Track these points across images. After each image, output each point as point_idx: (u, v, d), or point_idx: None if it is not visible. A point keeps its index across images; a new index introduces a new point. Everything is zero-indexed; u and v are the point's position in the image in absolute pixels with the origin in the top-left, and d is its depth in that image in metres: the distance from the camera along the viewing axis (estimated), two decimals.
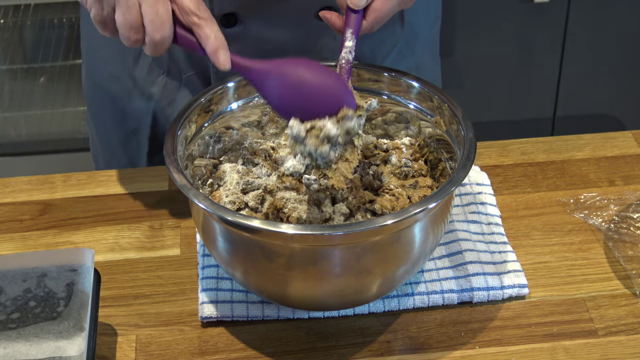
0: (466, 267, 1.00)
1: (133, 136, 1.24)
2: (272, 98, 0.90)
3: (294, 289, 0.92)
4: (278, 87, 0.89)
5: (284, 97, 0.89)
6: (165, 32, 0.87)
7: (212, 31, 0.87)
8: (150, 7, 0.86)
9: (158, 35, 0.88)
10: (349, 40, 0.93)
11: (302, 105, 0.89)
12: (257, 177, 1.00)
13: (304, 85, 0.89)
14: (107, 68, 1.22)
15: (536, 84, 2.16)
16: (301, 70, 0.90)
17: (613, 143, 1.20)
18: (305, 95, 0.89)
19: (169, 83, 1.18)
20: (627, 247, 1.04)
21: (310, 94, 0.89)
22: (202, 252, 1.03)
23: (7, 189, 1.15)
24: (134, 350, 0.95)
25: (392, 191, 0.96)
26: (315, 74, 0.90)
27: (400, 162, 1.00)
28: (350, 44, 0.94)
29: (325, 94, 0.89)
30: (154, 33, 0.87)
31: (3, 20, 2.33)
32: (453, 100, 0.98)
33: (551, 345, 0.94)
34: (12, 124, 2.28)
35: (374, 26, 0.94)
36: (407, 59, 1.21)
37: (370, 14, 0.94)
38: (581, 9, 2.05)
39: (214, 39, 0.87)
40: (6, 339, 0.87)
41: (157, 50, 0.89)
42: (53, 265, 0.92)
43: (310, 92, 0.89)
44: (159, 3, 0.87)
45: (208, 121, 1.00)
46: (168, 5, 0.87)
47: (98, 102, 1.27)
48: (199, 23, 0.87)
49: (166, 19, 0.87)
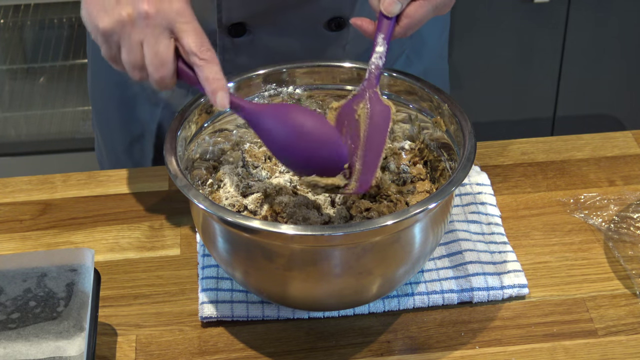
0: (466, 267, 1.00)
1: (138, 142, 1.24)
2: (267, 139, 0.90)
3: (294, 290, 0.92)
4: (273, 129, 0.89)
5: (279, 139, 0.90)
6: (165, 71, 0.88)
7: (212, 72, 0.87)
8: (150, 47, 0.87)
9: (157, 75, 0.88)
10: (380, 45, 0.94)
11: (297, 149, 0.90)
12: (257, 179, 1.00)
13: (300, 130, 0.90)
14: (113, 74, 1.21)
15: (536, 84, 2.16)
16: (297, 114, 0.91)
17: (613, 143, 1.20)
18: (300, 140, 0.89)
19: (176, 90, 1.18)
20: (627, 247, 1.04)
21: (305, 139, 0.90)
22: (202, 252, 1.03)
23: (7, 189, 1.15)
24: (134, 350, 0.95)
25: (390, 197, 0.97)
26: (312, 120, 0.91)
27: (399, 169, 1.00)
28: (382, 49, 0.94)
29: (321, 140, 0.90)
30: (154, 73, 0.88)
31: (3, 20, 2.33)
32: (453, 100, 0.98)
33: (551, 345, 0.94)
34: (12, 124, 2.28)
35: (407, 32, 0.94)
36: (415, 65, 1.21)
37: (403, 20, 0.93)
38: (581, 9, 2.05)
39: (213, 80, 0.87)
40: (6, 339, 0.87)
41: (162, 87, 0.89)
42: (53, 265, 0.92)
43: (306, 137, 0.89)
44: (160, 42, 0.87)
45: (208, 122, 1.00)
46: (169, 44, 0.87)
47: (103, 106, 1.27)
48: (200, 64, 0.87)
49: (166, 59, 0.87)
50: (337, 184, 0.90)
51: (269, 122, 0.89)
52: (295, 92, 1.04)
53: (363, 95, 0.95)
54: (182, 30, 0.87)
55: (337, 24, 1.11)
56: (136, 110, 1.22)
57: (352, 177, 0.91)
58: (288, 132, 0.89)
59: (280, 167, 1.02)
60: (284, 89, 1.04)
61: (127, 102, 1.22)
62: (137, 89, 1.20)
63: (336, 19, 1.11)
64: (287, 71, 1.03)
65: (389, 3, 0.92)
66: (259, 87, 1.03)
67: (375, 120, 0.94)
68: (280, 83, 1.04)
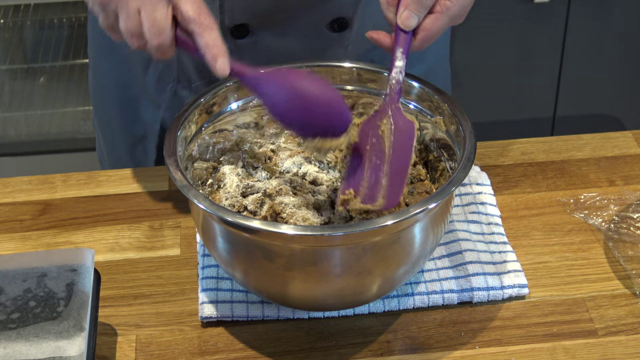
0: (466, 267, 1.00)
1: (140, 143, 1.24)
2: (270, 104, 0.90)
3: (294, 290, 0.92)
4: (276, 94, 0.89)
5: (282, 103, 0.89)
6: (163, 39, 0.87)
7: (211, 39, 0.87)
8: (148, 14, 0.86)
9: (156, 41, 0.87)
10: (399, 59, 0.94)
11: (300, 113, 0.89)
12: (257, 180, 1.00)
13: (302, 93, 0.89)
14: (114, 75, 1.21)
15: (536, 84, 2.16)
16: (300, 79, 0.90)
17: (613, 143, 1.20)
18: (303, 104, 0.89)
19: (178, 91, 1.18)
20: (627, 247, 1.04)
21: (308, 103, 0.89)
22: (202, 252, 1.03)
23: (7, 189, 1.15)
24: (134, 350, 0.95)
25: None
26: (314, 84, 0.90)
27: None
28: (401, 64, 0.94)
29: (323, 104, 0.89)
30: (152, 40, 0.87)
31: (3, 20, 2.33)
32: (453, 100, 0.98)
33: (551, 345, 0.94)
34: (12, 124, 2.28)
35: (423, 45, 0.94)
36: (417, 67, 1.21)
37: (420, 33, 0.93)
38: (581, 9, 2.05)
39: (213, 46, 0.87)
40: (6, 339, 0.87)
41: (161, 55, 0.89)
42: (53, 265, 0.92)
43: (308, 101, 0.89)
44: (157, 10, 0.86)
45: (208, 122, 1.00)
46: (167, 12, 0.87)
47: (105, 107, 1.27)
48: (199, 31, 0.87)
49: (164, 26, 0.87)
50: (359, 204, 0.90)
51: (271, 87, 0.89)
52: None
53: (386, 111, 0.95)
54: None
55: (339, 24, 1.11)
56: (138, 111, 1.22)
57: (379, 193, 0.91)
58: (289, 96, 0.88)
59: (280, 168, 1.02)
60: None
61: (128, 103, 1.22)
62: (139, 89, 1.20)
63: (339, 20, 1.11)
64: None
65: (405, 17, 0.92)
66: None
67: (399, 136, 0.94)
68: None
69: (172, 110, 1.19)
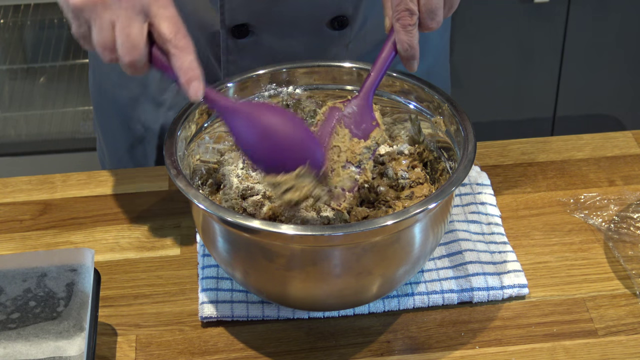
0: (466, 267, 1.00)
1: (140, 144, 1.24)
2: (236, 136, 0.88)
3: (294, 290, 0.92)
4: (245, 128, 0.87)
5: (249, 139, 0.87)
6: (136, 55, 0.84)
7: (186, 62, 0.84)
8: (122, 29, 0.83)
9: (128, 58, 0.84)
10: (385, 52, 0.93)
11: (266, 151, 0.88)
12: (256, 182, 0.99)
13: (271, 132, 0.88)
14: (114, 74, 1.21)
15: (536, 84, 2.16)
16: (272, 115, 0.88)
17: (613, 143, 1.20)
18: (271, 143, 0.87)
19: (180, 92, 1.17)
20: (627, 247, 1.04)
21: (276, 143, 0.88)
22: (202, 252, 1.03)
23: (7, 189, 1.15)
24: (134, 350, 0.95)
25: (388, 202, 0.97)
26: (286, 121, 0.89)
27: (397, 175, 1.00)
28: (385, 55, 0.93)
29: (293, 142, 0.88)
30: (124, 56, 0.84)
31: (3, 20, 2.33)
32: (453, 100, 0.98)
33: (551, 345, 0.94)
34: (12, 124, 2.28)
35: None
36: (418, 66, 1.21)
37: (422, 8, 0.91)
38: (581, 9, 2.05)
39: (188, 69, 0.84)
40: (6, 339, 0.87)
41: (133, 72, 0.85)
42: (53, 265, 0.92)
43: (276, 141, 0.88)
44: (132, 25, 0.83)
45: (208, 122, 1.00)
46: (142, 27, 0.83)
47: (105, 107, 1.27)
48: (174, 52, 0.84)
49: (138, 42, 0.83)
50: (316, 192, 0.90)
51: (241, 121, 0.87)
52: (295, 92, 1.04)
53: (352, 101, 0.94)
54: (158, 15, 0.84)
55: (340, 22, 1.11)
56: (138, 112, 1.21)
57: None
58: (258, 133, 0.87)
59: None
60: (284, 89, 1.04)
61: (129, 103, 1.22)
62: (138, 90, 1.20)
63: (339, 18, 1.11)
64: (287, 71, 1.03)
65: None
66: (258, 87, 1.03)
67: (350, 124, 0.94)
68: (280, 83, 1.04)
69: (172, 111, 1.19)
